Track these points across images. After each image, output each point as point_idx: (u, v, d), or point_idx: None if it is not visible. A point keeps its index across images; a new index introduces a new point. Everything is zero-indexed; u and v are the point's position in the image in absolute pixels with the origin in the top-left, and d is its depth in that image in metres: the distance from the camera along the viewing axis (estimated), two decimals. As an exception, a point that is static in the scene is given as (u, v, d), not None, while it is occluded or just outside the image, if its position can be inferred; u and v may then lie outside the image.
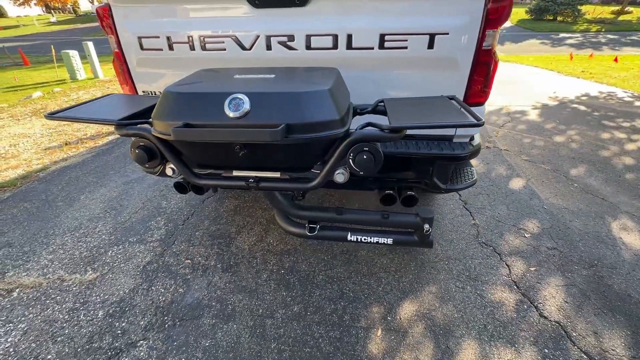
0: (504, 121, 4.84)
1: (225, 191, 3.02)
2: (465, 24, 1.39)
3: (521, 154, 3.76)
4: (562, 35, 16.89)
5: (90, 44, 8.50)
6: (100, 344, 1.70)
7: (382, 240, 1.43)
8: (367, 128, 1.13)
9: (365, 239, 1.44)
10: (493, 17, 1.38)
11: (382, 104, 1.37)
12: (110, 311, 1.88)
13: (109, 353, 1.66)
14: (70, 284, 2.07)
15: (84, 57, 8.54)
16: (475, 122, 1.02)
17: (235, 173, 1.26)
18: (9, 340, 1.72)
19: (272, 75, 1.25)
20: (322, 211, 1.45)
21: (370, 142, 1.10)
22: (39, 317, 1.85)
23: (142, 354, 1.65)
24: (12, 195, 3.04)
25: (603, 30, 17.78)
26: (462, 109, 1.17)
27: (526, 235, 2.44)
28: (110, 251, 2.34)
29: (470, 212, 2.71)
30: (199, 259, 2.26)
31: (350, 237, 1.45)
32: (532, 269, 2.13)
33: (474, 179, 1.80)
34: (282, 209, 1.46)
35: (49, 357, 1.64)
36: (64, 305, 1.92)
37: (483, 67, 1.50)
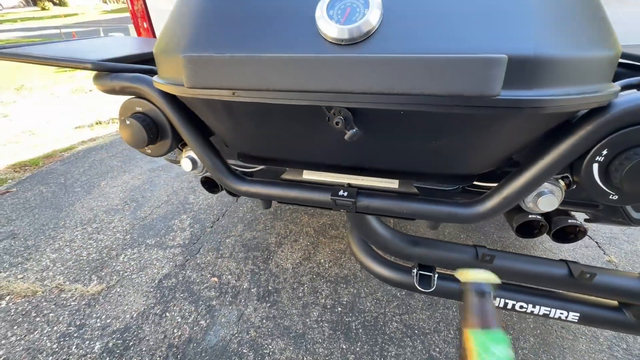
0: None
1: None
2: None
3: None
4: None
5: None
6: (88, 398, 1.21)
7: (557, 312, 0.77)
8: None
9: (524, 307, 0.80)
10: None
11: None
12: (110, 344, 1.40)
13: (98, 416, 1.16)
14: (69, 297, 1.62)
15: (128, 38, 8.50)
16: None
17: (312, 176, 0.68)
18: (-22, 374, 1.29)
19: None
20: (450, 250, 0.81)
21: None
22: (22, 343, 1.40)
23: None
24: (31, 176, 2.72)
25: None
26: None
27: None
28: (123, 255, 1.88)
29: (597, 243, 1.94)
30: (229, 277, 1.73)
31: (500, 301, 0.81)
32: None
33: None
34: (374, 239, 0.84)
35: (19, 412, 1.17)
36: (55, 328, 1.47)
37: None
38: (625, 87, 0.54)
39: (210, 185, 1.24)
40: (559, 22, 0.42)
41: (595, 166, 0.48)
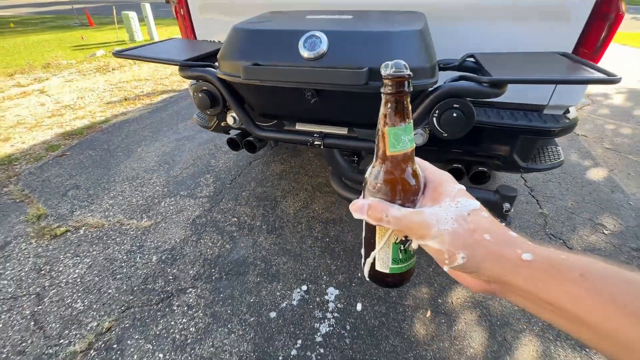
0: (582, 103, 4.23)
1: (271, 154, 2.99)
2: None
3: (602, 141, 3.27)
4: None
5: (148, 6, 8.70)
6: (153, 286, 1.79)
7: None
8: (460, 81, 0.96)
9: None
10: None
11: (471, 59, 1.17)
12: (163, 257, 1.97)
13: (162, 295, 1.74)
14: (128, 228, 2.19)
15: (142, 19, 8.80)
16: (608, 77, 0.81)
17: (300, 127, 1.18)
18: (76, 271, 1.88)
19: (350, 16, 1.11)
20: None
21: (461, 98, 0.94)
22: (101, 255, 1.99)
23: (191, 300, 1.71)
24: (79, 143, 3.27)
25: None
26: (582, 65, 0.95)
27: (605, 232, 2.13)
28: (163, 202, 2.43)
29: (537, 200, 2.43)
30: (245, 218, 2.28)
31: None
32: (611, 269, 1.87)
33: (560, 159, 1.56)
34: (341, 172, 1.35)
35: (110, 291, 1.76)
36: (122, 247, 2.04)
37: (602, 21, 1.22)
38: (455, 79, 1.01)
39: (234, 145, 1.75)
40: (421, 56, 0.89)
41: (434, 118, 0.96)
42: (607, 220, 2.22)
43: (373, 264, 0.40)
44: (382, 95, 0.33)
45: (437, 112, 0.95)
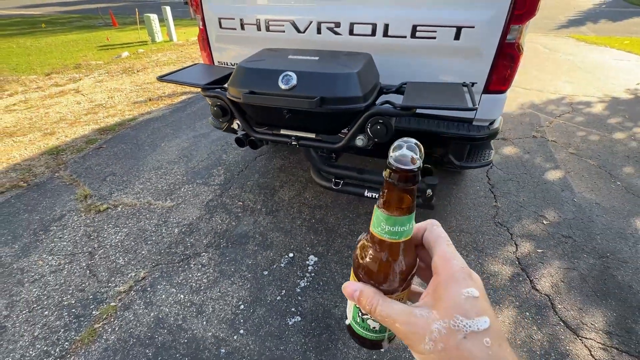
0: (562, 111, 4.58)
1: (274, 151, 3.50)
2: (491, 18, 1.56)
3: (569, 146, 3.65)
4: (677, 13, 14.04)
5: (168, 8, 9.32)
6: (175, 250, 2.33)
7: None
8: (384, 105, 1.43)
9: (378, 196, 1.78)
10: (518, 13, 1.53)
11: (405, 85, 1.63)
12: (183, 230, 2.51)
13: (182, 257, 2.27)
14: (155, 207, 2.74)
15: (162, 20, 9.43)
16: (467, 107, 1.26)
17: (282, 132, 1.67)
18: (117, 237, 2.43)
19: (317, 58, 1.59)
20: (345, 169, 1.81)
21: (384, 116, 1.41)
22: (136, 226, 2.54)
23: (204, 261, 2.24)
24: (113, 138, 3.86)
25: None
26: (467, 95, 1.40)
27: (544, 222, 2.56)
28: (183, 188, 2.97)
29: (494, 195, 2.86)
30: (249, 202, 2.79)
31: (367, 193, 1.80)
32: (540, 250, 2.30)
33: (489, 159, 2.00)
34: (316, 165, 1.85)
35: (143, 252, 2.30)
36: (151, 221, 2.59)
37: (506, 59, 1.67)
38: (382, 103, 1.48)
39: (240, 142, 2.26)
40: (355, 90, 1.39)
41: (368, 129, 1.44)
42: (549, 213, 2.64)
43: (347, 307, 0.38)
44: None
45: (369, 124, 1.43)
